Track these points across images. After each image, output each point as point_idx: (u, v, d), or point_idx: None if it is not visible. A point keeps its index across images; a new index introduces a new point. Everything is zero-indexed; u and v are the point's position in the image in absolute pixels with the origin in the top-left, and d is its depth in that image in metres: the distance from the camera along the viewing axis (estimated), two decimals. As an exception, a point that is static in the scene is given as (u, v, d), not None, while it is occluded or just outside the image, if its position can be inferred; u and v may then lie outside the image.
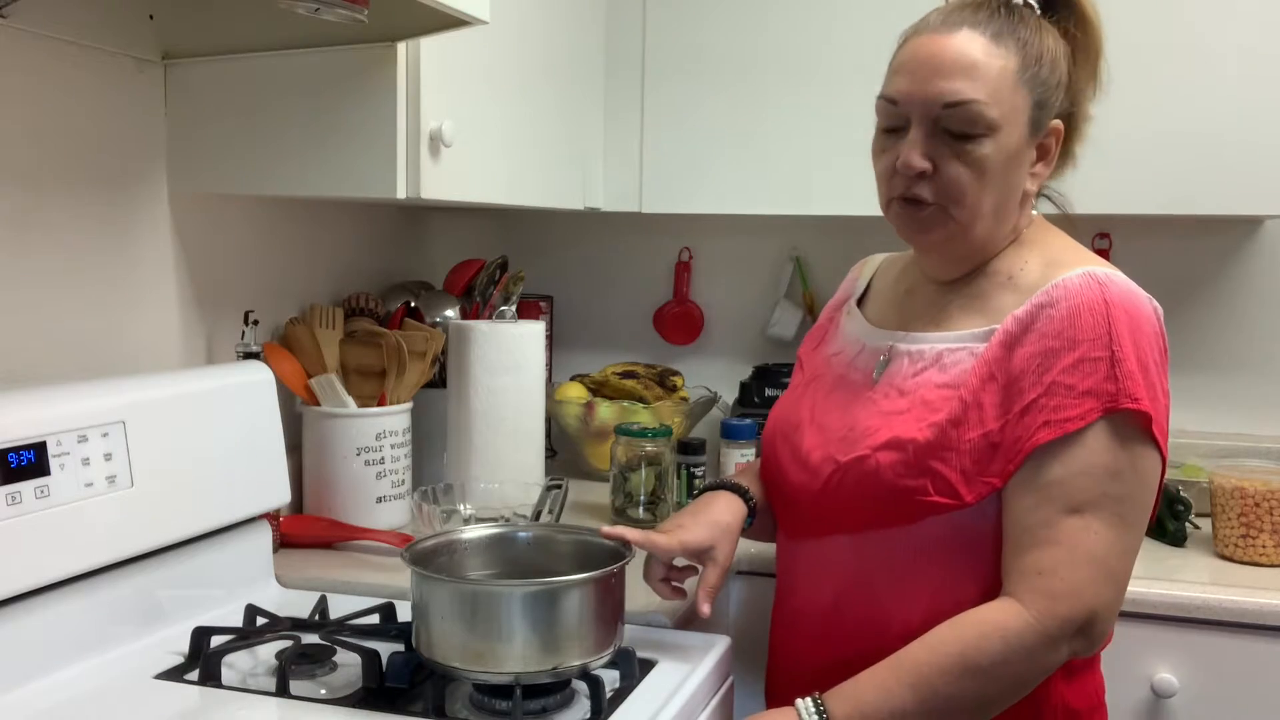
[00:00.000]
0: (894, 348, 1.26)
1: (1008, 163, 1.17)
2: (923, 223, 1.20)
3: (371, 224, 2.11)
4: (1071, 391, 1.10)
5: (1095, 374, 1.10)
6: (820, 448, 1.25)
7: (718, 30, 2.08)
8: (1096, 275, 1.14)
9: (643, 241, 2.51)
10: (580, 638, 1.16)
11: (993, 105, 1.14)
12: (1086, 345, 1.11)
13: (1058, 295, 1.14)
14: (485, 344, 1.82)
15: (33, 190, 1.40)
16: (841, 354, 1.34)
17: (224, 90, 1.57)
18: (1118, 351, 1.10)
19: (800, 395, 1.35)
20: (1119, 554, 1.11)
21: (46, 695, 1.17)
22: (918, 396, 1.19)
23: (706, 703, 1.28)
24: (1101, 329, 1.11)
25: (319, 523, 1.72)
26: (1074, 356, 1.11)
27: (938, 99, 1.15)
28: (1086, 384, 1.10)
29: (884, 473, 1.17)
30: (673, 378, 2.29)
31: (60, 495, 1.20)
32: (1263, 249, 2.19)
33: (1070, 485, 1.10)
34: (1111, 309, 1.12)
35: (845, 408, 1.26)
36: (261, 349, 1.65)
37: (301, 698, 1.19)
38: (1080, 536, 1.10)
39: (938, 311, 1.26)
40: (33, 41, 1.37)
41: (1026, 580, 1.10)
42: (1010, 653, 1.09)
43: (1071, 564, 1.09)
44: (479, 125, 1.66)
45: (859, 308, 1.38)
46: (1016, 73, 1.16)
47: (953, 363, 1.19)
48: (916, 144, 1.17)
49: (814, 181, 2.05)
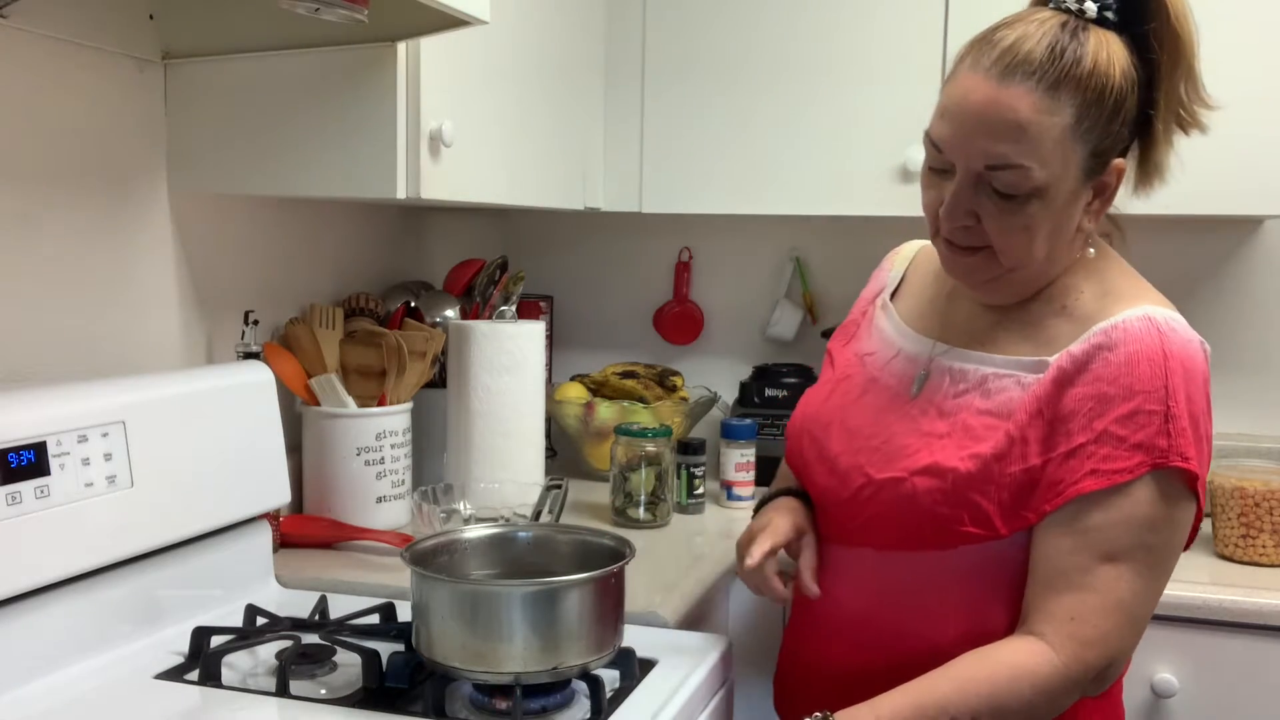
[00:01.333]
0: (934, 362, 1.23)
1: (1058, 214, 1.12)
2: (970, 266, 1.17)
3: (371, 224, 2.11)
4: (1123, 443, 1.09)
5: (1148, 428, 1.08)
6: (848, 454, 1.23)
7: (718, 30, 2.08)
8: (1156, 321, 1.11)
9: (643, 241, 2.51)
10: (580, 638, 1.16)
11: (1040, 169, 1.08)
12: (1142, 397, 1.08)
13: (1117, 339, 1.11)
14: (485, 344, 1.82)
15: (33, 190, 1.40)
16: (875, 355, 1.30)
17: (224, 90, 1.57)
18: (1173, 407, 1.08)
19: (829, 392, 1.32)
20: (1144, 601, 1.11)
21: (46, 695, 1.17)
22: (959, 421, 1.17)
23: (706, 703, 1.28)
24: (1158, 381, 1.08)
25: (319, 523, 1.72)
26: (1129, 407, 1.09)
27: (980, 158, 1.10)
28: (1138, 437, 1.08)
29: (920, 499, 1.15)
30: (673, 378, 2.29)
31: (60, 495, 1.20)
32: (1263, 249, 2.19)
33: (1109, 533, 1.09)
34: (1170, 361, 1.09)
35: (877, 416, 1.23)
36: (261, 349, 1.65)
37: (301, 698, 1.19)
38: (1113, 585, 1.09)
39: (984, 329, 1.21)
40: (33, 41, 1.37)
41: (1057, 624, 1.09)
42: (1037, 697, 1.09)
43: (1103, 612, 1.09)
44: (479, 125, 1.66)
45: (892, 301, 1.34)
46: (1070, 128, 1.08)
47: (998, 389, 1.16)
48: (960, 199, 1.12)
49: (814, 181, 2.05)
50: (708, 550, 1.75)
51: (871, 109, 2.00)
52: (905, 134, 1.97)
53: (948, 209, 1.13)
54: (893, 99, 1.98)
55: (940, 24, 1.95)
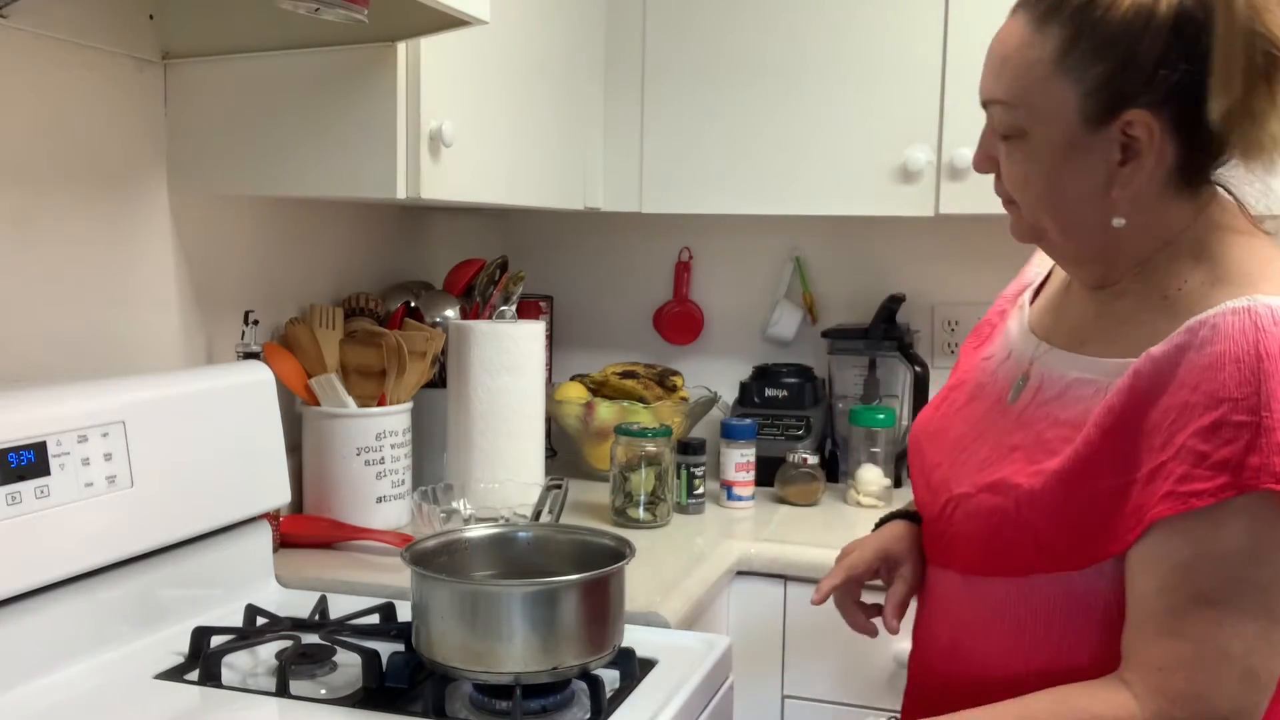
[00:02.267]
0: (1034, 365, 1.11)
1: (1055, 164, 1.03)
2: (1011, 223, 1.11)
3: (371, 224, 2.11)
4: (1204, 460, 0.92)
5: (1235, 443, 0.91)
6: (943, 468, 1.14)
7: (718, 30, 2.08)
8: (1257, 313, 0.93)
9: (643, 241, 2.51)
10: (580, 638, 1.16)
11: (1017, 105, 1.02)
12: (1229, 406, 0.91)
13: (1205, 336, 0.94)
14: (485, 344, 1.82)
15: (32, 190, 1.40)
16: (991, 359, 1.19)
17: (224, 90, 1.57)
18: (1267, 419, 0.90)
19: (941, 400, 1.24)
20: (1261, 649, 0.92)
21: (46, 695, 1.17)
22: (1034, 432, 1.05)
23: (706, 703, 1.28)
24: (1249, 387, 0.91)
25: (319, 523, 1.72)
26: (1212, 417, 0.92)
27: (980, 95, 1.07)
28: (1222, 454, 0.91)
29: (984, 518, 1.05)
30: (673, 378, 2.29)
31: (60, 495, 1.20)
32: (1263, 249, 2.18)
33: (1200, 569, 0.93)
34: (1265, 363, 0.91)
35: (976, 425, 1.14)
36: (261, 349, 1.65)
37: (301, 698, 1.19)
38: (1211, 632, 0.92)
39: (1087, 326, 1.09)
40: (33, 41, 1.37)
41: (1144, 674, 0.94)
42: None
43: (1198, 663, 0.92)
44: (479, 125, 1.66)
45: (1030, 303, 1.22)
46: (1052, 61, 0.99)
47: (1077, 398, 1.03)
48: (980, 142, 1.10)
49: (814, 181, 2.05)
50: (708, 550, 1.75)
51: (871, 109, 2.00)
52: (905, 134, 1.97)
53: (974, 155, 1.11)
54: (893, 99, 1.98)
55: (940, 24, 1.95)
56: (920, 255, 2.34)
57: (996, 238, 2.28)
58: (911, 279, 2.33)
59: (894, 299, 2.21)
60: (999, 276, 2.44)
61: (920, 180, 1.97)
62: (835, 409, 2.26)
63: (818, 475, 2.05)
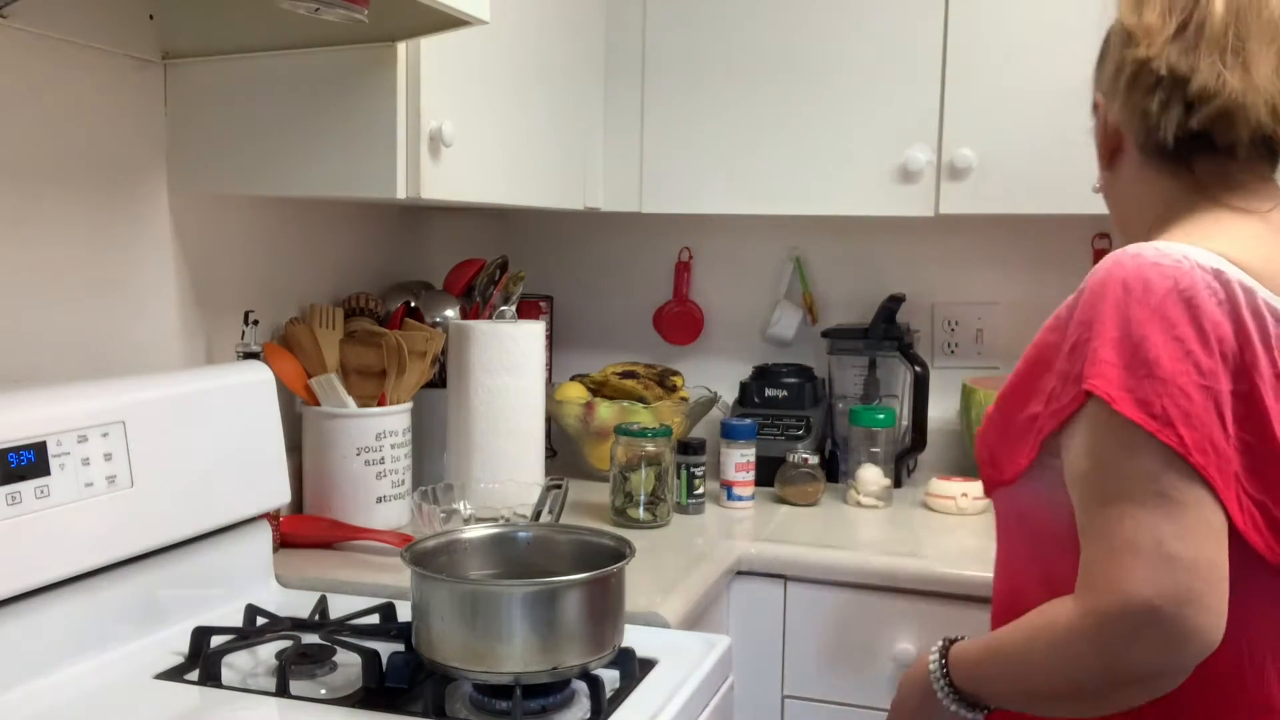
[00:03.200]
0: None
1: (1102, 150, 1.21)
2: None
3: (371, 224, 2.11)
4: (1066, 377, 1.04)
5: (1081, 358, 1.03)
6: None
7: (718, 30, 2.08)
8: (1129, 251, 1.04)
9: (643, 241, 2.51)
10: (580, 638, 1.16)
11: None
12: (1081, 328, 1.04)
13: (1089, 276, 1.06)
14: (485, 344, 1.82)
15: (32, 190, 1.40)
16: None
17: (224, 90, 1.57)
18: (1099, 331, 1.01)
19: None
20: (1176, 533, 0.96)
21: (46, 695, 1.17)
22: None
23: (706, 703, 1.28)
24: (1094, 310, 1.02)
25: (319, 523, 1.72)
26: (1072, 340, 1.05)
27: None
28: (1077, 369, 1.03)
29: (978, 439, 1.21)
30: (673, 378, 2.29)
31: (60, 495, 1.20)
32: None
33: (1091, 477, 1.02)
34: (1107, 287, 1.02)
35: None
36: (261, 349, 1.65)
37: (301, 698, 1.19)
38: (1114, 528, 0.98)
39: None
40: (33, 41, 1.37)
41: (1079, 579, 1.02)
42: (1054, 650, 1.02)
43: (1111, 557, 0.98)
44: (479, 125, 1.66)
45: None
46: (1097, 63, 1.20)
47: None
48: None
49: (814, 181, 2.05)
50: (708, 550, 1.75)
51: (871, 109, 2.00)
52: (905, 134, 1.97)
53: None
54: (893, 99, 1.98)
55: (940, 25, 1.95)
56: (920, 255, 2.34)
57: (996, 238, 2.30)
58: (911, 279, 2.33)
59: (894, 299, 2.21)
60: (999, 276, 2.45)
61: (920, 180, 1.97)
62: (835, 409, 2.26)
63: (818, 475, 2.05)
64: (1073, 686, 1.02)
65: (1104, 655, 0.98)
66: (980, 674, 1.11)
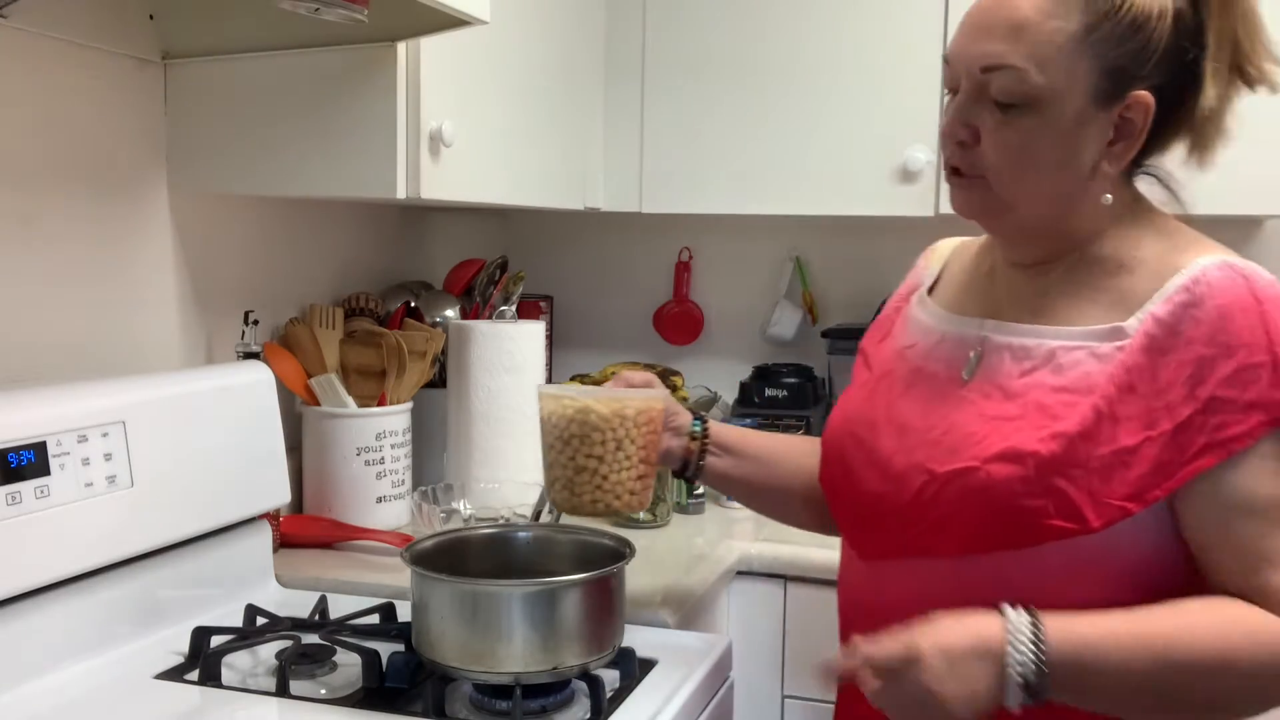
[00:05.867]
0: (989, 340, 1.11)
1: (1063, 138, 1.03)
2: (965, 197, 1.10)
3: (371, 224, 2.11)
4: (1234, 405, 0.98)
5: (1259, 382, 0.98)
6: (903, 453, 1.10)
7: (717, 30, 2.08)
8: (1237, 267, 1.01)
9: (643, 241, 2.51)
10: (580, 638, 1.16)
11: (1037, 72, 1.01)
12: (1245, 351, 0.98)
13: (1201, 293, 1.00)
14: (485, 344, 1.82)
15: (33, 190, 1.40)
16: (917, 346, 1.18)
17: (224, 90, 1.57)
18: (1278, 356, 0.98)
19: (870, 392, 1.20)
20: None
21: (46, 695, 1.17)
22: (1031, 400, 1.04)
23: (706, 703, 1.28)
24: (1259, 331, 0.98)
25: (319, 523, 1.72)
26: (1232, 365, 0.98)
27: (977, 61, 1.04)
28: (1250, 395, 0.98)
29: (998, 489, 1.02)
30: (673, 378, 2.28)
31: (60, 495, 1.20)
32: (1263, 249, 2.19)
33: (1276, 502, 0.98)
34: (1264, 306, 0.99)
35: (929, 407, 1.12)
36: (261, 349, 1.65)
37: (301, 698, 1.19)
38: None
39: (1035, 299, 1.11)
40: (33, 41, 1.37)
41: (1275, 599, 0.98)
42: (1276, 662, 0.97)
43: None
44: (479, 125, 1.66)
45: (930, 296, 1.24)
46: (1078, 35, 1.01)
47: (1070, 364, 1.04)
48: (959, 109, 1.06)
49: (814, 181, 2.05)
50: (708, 550, 1.75)
51: (871, 109, 2.00)
52: (905, 134, 1.97)
53: (946, 122, 1.07)
54: (893, 99, 1.98)
55: (940, 25, 1.95)
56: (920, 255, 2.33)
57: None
58: (911, 279, 2.33)
59: (894, 299, 2.20)
60: (999, 276, 2.39)
61: (920, 180, 1.97)
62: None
63: (818, 475, 2.05)
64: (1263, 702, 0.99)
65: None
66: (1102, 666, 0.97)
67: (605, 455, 1.17)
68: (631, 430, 1.18)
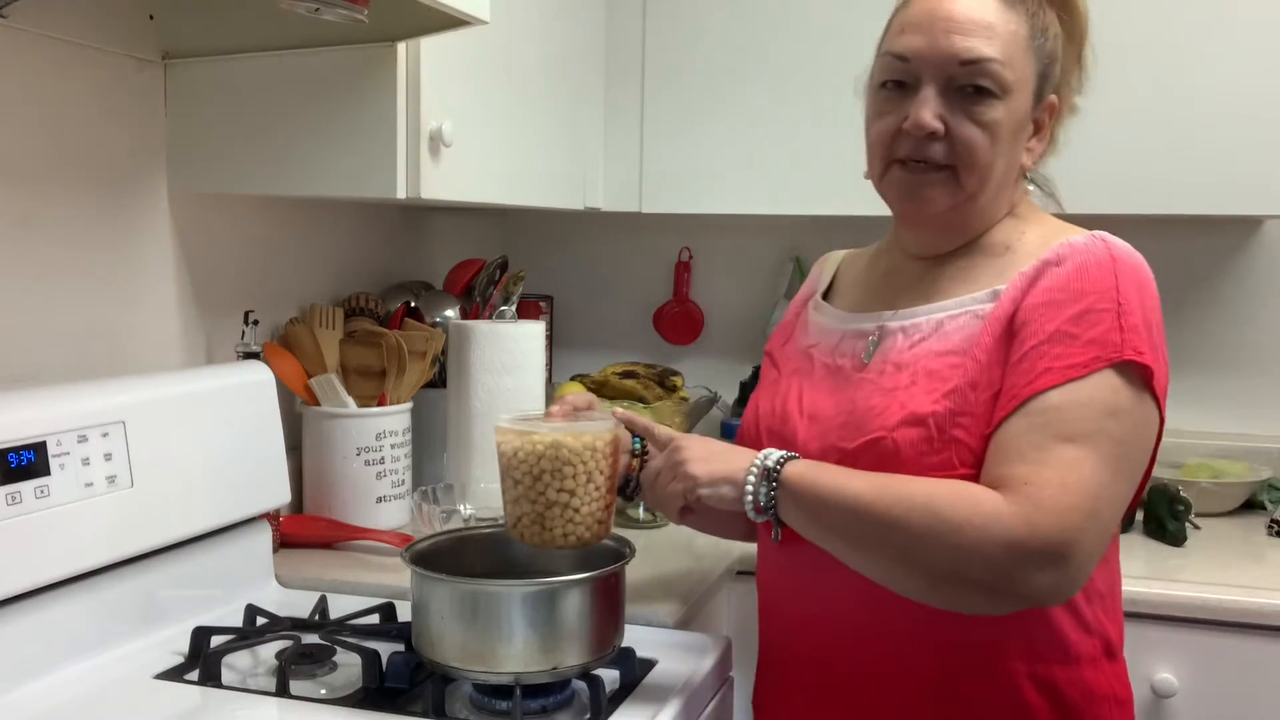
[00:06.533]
0: (884, 327, 1.21)
1: (1016, 130, 1.16)
2: (930, 186, 1.16)
3: (371, 224, 2.11)
4: (1075, 341, 1.07)
5: (1100, 325, 1.07)
6: (817, 439, 1.19)
7: (717, 31, 2.08)
8: (1102, 236, 1.14)
9: (643, 241, 2.51)
10: (580, 638, 1.16)
11: (1008, 67, 1.13)
12: (1093, 297, 1.08)
13: (1065, 253, 1.12)
14: (485, 344, 1.82)
15: (33, 190, 1.40)
16: (820, 344, 1.28)
17: (224, 90, 1.57)
18: (1124, 304, 1.08)
19: (779, 389, 1.29)
20: (1109, 499, 1.05)
21: (46, 695, 1.17)
22: (920, 369, 1.14)
23: (706, 703, 1.28)
24: (1108, 283, 1.09)
25: (319, 523, 1.72)
26: (1080, 307, 1.08)
27: (955, 56, 1.13)
28: (1091, 334, 1.07)
29: (905, 452, 1.11)
30: (673, 378, 2.28)
31: (60, 495, 1.20)
32: (1263, 249, 2.19)
33: (1066, 414, 1.05)
34: (1118, 264, 1.10)
35: (836, 394, 1.21)
36: (261, 349, 1.65)
37: (301, 698, 1.19)
38: (1074, 464, 1.03)
39: (928, 286, 1.22)
40: (33, 41, 1.37)
41: (1011, 486, 1.03)
42: (972, 524, 1.02)
43: (1061, 487, 1.02)
44: (479, 125, 1.66)
45: (825, 301, 1.34)
46: (1027, 39, 1.15)
47: (955, 329, 1.15)
48: (929, 102, 1.14)
49: (814, 181, 2.05)
50: (708, 550, 1.75)
51: (871, 109, 1.99)
52: (905, 134, 1.97)
53: (915, 116, 1.14)
54: (893, 99, 1.98)
55: (940, 24, 1.95)
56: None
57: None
58: (911, 279, 2.33)
59: (894, 299, 2.21)
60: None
61: (920, 180, 1.97)
62: (835, 409, 2.25)
63: (818, 475, 2.05)
64: (959, 562, 1.03)
65: (1008, 563, 1.01)
66: (830, 498, 1.08)
67: (577, 489, 1.16)
68: (601, 462, 1.17)
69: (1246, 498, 2.03)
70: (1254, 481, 2.02)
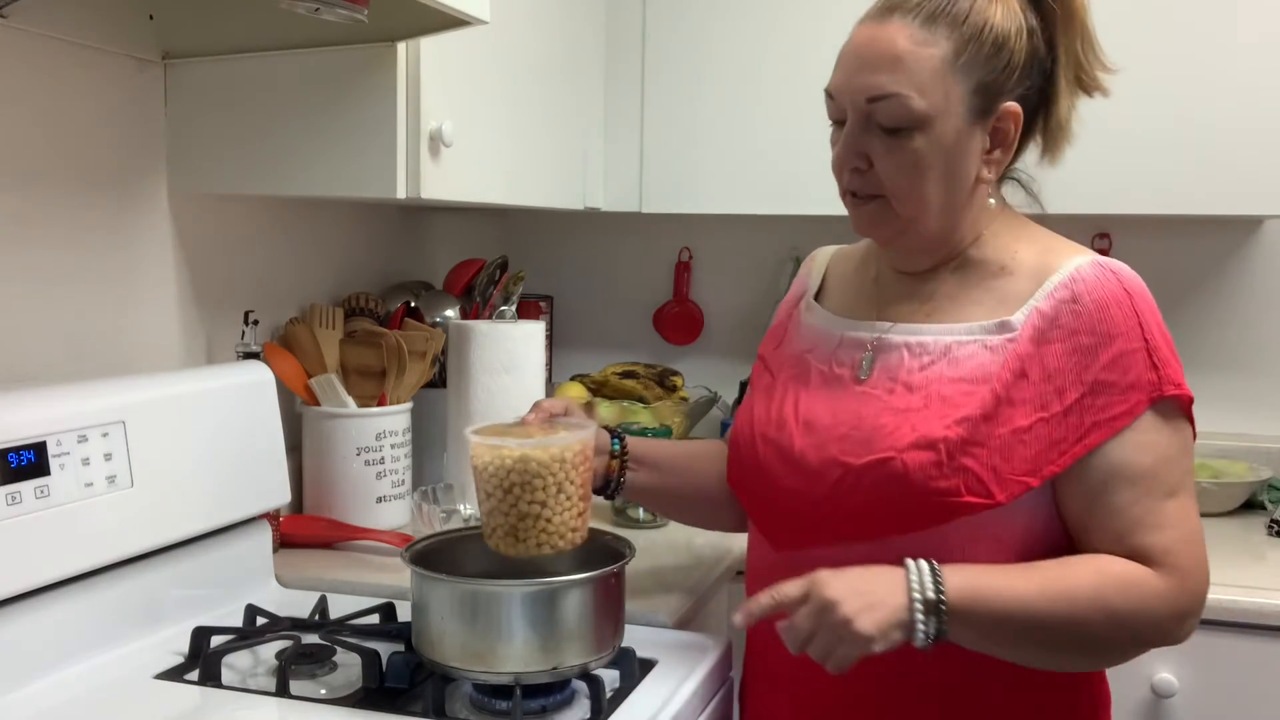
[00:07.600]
0: (882, 339, 1.21)
1: (948, 154, 1.14)
2: (869, 217, 1.19)
3: (371, 224, 2.11)
4: (1115, 388, 1.10)
5: (1135, 367, 1.10)
6: (816, 449, 1.18)
7: (717, 30, 2.08)
8: (1106, 265, 1.14)
9: (643, 241, 2.51)
10: (580, 638, 1.16)
11: (919, 97, 1.12)
12: (1122, 340, 1.11)
13: (1079, 290, 1.12)
14: (485, 344, 1.82)
15: (33, 190, 1.40)
16: (816, 350, 1.27)
17: (224, 90, 1.57)
18: (1150, 340, 1.11)
19: (774, 394, 1.28)
20: (1199, 524, 1.13)
21: (46, 695, 1.17)
22: (933, 393, 1.14)
23: (706, 703, 1.28)
24: (1131, 321, 1.11)
25: (319, 523, 1.72)
26: (1111, 353, 1.10)
27: (862, 93, 1.15)
28: (1129, 379, 1.10)
29: (914, 475, 1.11)
30: (673, 378, 2.29)
31: (60, 495, 1.20)
32: (1263, 249, 2.19)
33: (1160, 473, 1.10)
34: (1134, 298, 1.12)
35: (834, 403, 1.20)
36: (261, 349, 1.65)
37: (301, 698, 1.19)
38: (1185, 517, 1.11)
39: (924, 301, 1.21)
40: (33, 41, 1.37)
41: (1154, 558, 1.09)
42: (1145, 610, 1.08)
43: (1188, 544, 1.10)
44: (479, 125, 1.66)
45: (817, 302, 1.34)
46: (948, 60, 1.12)
47: (965, 356, 1.15)
48: (850, 138, 1.17)
49: (814, 181, 2.03)
50: (708, 550, 1.75)
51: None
52: (905, 134, 1.97)
53: (839, 153, 1.18)
54: (893, 99, 1.98)
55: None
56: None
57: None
58: (911, 279, 2.33)
59: (894, 299, 2.21)
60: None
61: (920, 180, 1.97)
62: (835, 409, 2.25)
63: (818, 475, 2.05)
64: (1134, 644, 1.11)
65: (1176, 626, 1.10)
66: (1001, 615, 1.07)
67: (548, 500, 1.17)
68: (571, 472, 1.18)
69: (1246, 498, 2.03)
70: (1254, 481, 2.03)
